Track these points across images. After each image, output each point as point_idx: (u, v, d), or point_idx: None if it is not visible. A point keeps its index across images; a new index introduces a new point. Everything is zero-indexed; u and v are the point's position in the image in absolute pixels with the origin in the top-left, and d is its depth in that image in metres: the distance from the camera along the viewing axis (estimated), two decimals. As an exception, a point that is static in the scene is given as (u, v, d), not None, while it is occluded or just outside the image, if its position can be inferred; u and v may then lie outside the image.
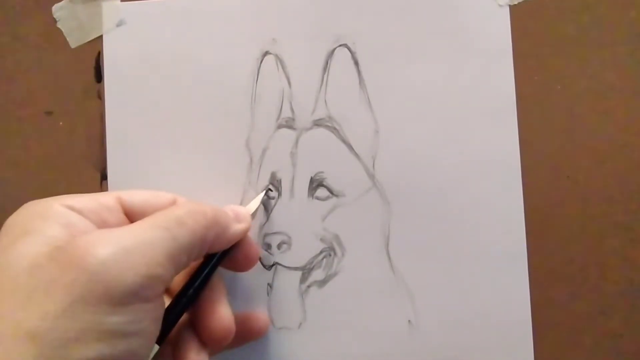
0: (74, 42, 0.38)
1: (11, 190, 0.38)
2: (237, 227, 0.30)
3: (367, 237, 0.35)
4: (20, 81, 0.38)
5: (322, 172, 0.35)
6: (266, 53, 0.36)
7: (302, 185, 0.35)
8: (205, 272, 0.30)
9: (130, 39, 0.37)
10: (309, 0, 0.36)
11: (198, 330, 0.30)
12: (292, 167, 0.36)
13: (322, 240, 0.35)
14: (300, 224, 0.35)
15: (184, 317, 0.30)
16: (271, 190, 0.35)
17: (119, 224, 0.27)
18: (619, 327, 0.34)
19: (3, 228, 0.25)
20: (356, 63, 0.36)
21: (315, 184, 0.35)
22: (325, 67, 0.36)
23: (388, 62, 0.35)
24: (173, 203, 0.30)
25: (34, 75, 0.38)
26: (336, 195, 0.35)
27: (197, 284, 0.29)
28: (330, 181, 0.35)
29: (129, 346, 0.24)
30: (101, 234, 0.25)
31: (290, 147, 0.36)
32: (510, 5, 0.35)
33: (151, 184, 0.36)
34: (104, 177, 0.37)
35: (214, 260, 0.30)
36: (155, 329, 0.26)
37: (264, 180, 0.36)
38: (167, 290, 0.30)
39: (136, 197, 0.29)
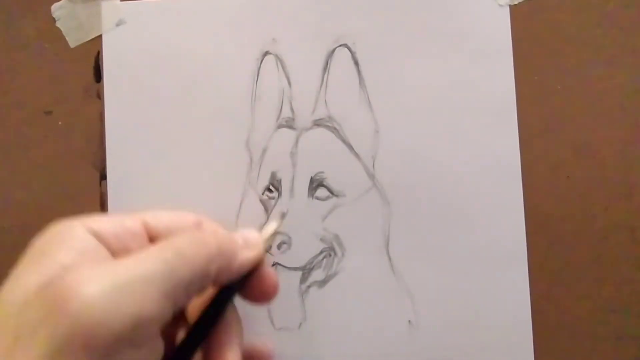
0: (73, 41, 0.38)
1: (11, 190, 0.38)
2: (246, 256, 0.27)
3: (367, 237, 0.35)
4: (20, 81, 0.38)
5: (322, 172, 0.35)
6: (266, 53, 0.36)
7: (302, 185, 0.35)
8: (214, 308, 0.27)
9: (130, 38, 0.37)
10: (309, 0, 0.36)
11: None
12: (292, 167, 0.35)
13: (322, 240, 0.35)
14: (300, 224, 0.35)
15: None
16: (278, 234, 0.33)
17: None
18: (619, 327, 0.34)
19: (27, 250, 0.24)
20: (356, 63, 0.36)
21: (315, 184, 0.35)
22: (325, 67, 0.36)
23: (388, 62, 0.35)
24: (198, 225, 0.28)
25: (33, 75, 0.38)
26: (336, 195, 0.35)
27: (204, 321, 0.26)
28: (330, 181, 0.35)
29: None
30: (93, 269, 0.22)
31: (290, 147, 0.36)
32: (510, 5, 0.35)
33: (151, 183, 0.36)
34: (103, 176, 0.37)
35: (223, 295, 0.27)
36: None
37: (264, 180, 0.36)
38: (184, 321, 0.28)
39: (161, 220, 0.27)
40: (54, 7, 0.38)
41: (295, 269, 0.35)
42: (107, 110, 0.37)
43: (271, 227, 0.30)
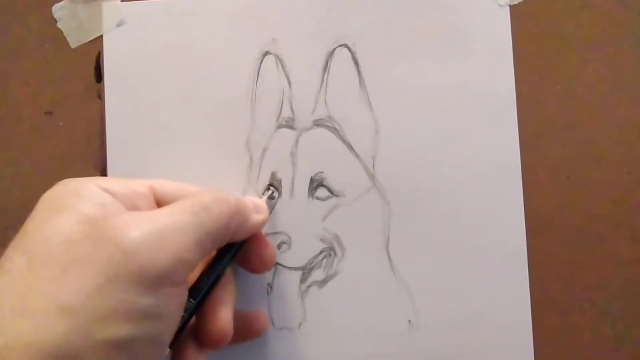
0: (74, 42, 0.38)
1: (11, 190, 0.38)
2: (257, 218, 0.30)
3: (367, 237, 0.35)
4: (20, 81, 0.38)
5: (322, 172, 0.35)
6: (266, 53, 0.36)
7: (302, 185, 0.35)
8: (220, 265, 0.29)
9: (130, 39, 0.37)
10: (309, 0, 0.36)
11: (196, 329, 0.29)
12: (292, 167, 0.35)
13: (322, 240, 0.35)
14: (300, 224, 0.35)
15: None
16: (273, 190, 0.35)
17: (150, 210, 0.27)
18: (619, 327, 0.34)
19: (39, 203, 0.25)
20: (356, 63, 0.36)
21: (315, 184, 0.35)
22: (325, 67, 0.36)
23: (388, 62, 0.35)
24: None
25: (34, 75, 0.38)
26: (336, 195, 0.35)
27: (209, 279, 0.29)
28: (330, 181, 0.35)
29: (155, 330, 0.24)
30: (134, 215, 0.25)
31: (290, 147, 0.36)
32: (510, 5, 0.35)
33: (151, 184, 0.36)
34: (103, 177, 0.37)
35: (228, 255, 0.30)
36: (178, 314, 0.26)
37: (264, 180, 0.36)
38: None
39: (167, 187, 0.29)
40: (55, 7, 0.38)
41: (295, 269, 0.35)
42: (108, 110, 0.37)
43: (266, 196, 0.34)
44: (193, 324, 0.30)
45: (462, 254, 0.34)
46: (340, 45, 0.36)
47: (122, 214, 0.25)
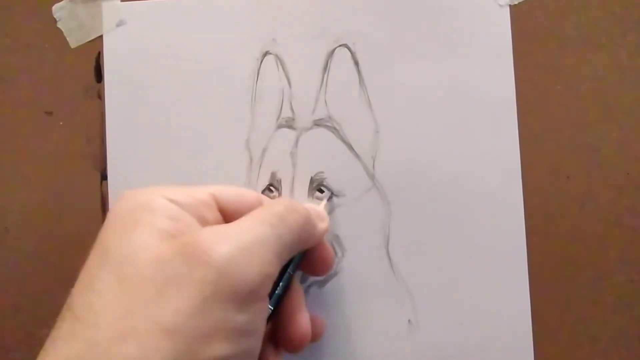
0: (74, 42, 0.38)
1: (11, 190, 0.38)
2: (322, 226, 0.30)
3: (367, 237, 0.35)
4: (20, 81, 0.38)
5: (322, 172, 0.35)
6: (266, 53, 0.36)
7: (302, 185, 0.35)
8: (290, 273, 0.29)
9: (130, 39, 0.37)
10: (309, 0, 0.36)
11: (276, 334, 0.29)
12: (292, 167, 0.36)
13: (322, 240, 0.35)
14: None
15: None
16: (332, 194, 0.35)
17: (215, 220, 0.27)
18: (619, 327, 0.34)
19: (109, 217, 0.25)
20: (356, 63, 0.36)
21: (315, 184, 0.35)
22: (325, 67, 0.36)
23: (388, 62, 0.35)
24: (259, 201, 0.29)
25: (34, 75, 0.38)
26: (336, 195, 0.35)
27: (283, 286, 0.29)
28: (330, 181, 0.35)
29: (249, 346, 0.24)
30: (218, 231, 0.24)
31: (290, 147, 0.36)
32: (510, 5, 0.35)
33: (151, 184, 0.36)
34: (104, 177, 0.37)
35: (296, 260, 0.30)
36: (264, 329, 0.25)
37: (264, 180, 0.36)
38: None
39: (228, 193, 0.28)
40: (55, 7, 0.38)
41: (295, 268, 0.35)
42: (108, 110, 0.37)
43: (323, 204, 0.34)
44: (269, 330, 0.29)
45: (462, 254, 0.34)
46: (340, 45, 0.36)
47: (203, 229, 0.25)
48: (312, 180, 0.35)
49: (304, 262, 0.31)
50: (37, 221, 0.37)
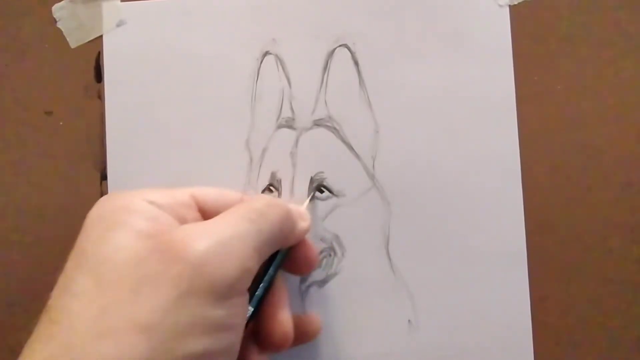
0: (74, 42, 0.38)
1: (11, 191, 0.38)
2: (303, 225, 0.30)
3: (367, 237, 0.35)
4: (21, 81, 0.38)
5: (322, 172, 0.35)
6: (266, 53, 0.36)
7: (302, 185, 0.35)
8: (271, 274, 0.29)
9: (130, 39, 0.37)
10: (309, 0, 0.36)
11: (257, 333, 0.29)
12: (292, 167, 0.36)
13: (322, 240, 0.35)
14: (300, 224, 0.35)
15: None
16: (322, 192, 0.35)
17: (195, 220, 0.27)
18: (619, 327, 0.34)
19: (87, 221, 0.25)
20: (356, 63, 0.36)
21: (315, 184, 0.35)
22: (325, 67, 0.36)
23: (388, 62, 0.35)
24: (240, 199, 0.29)
25: (34, 75, 0.38)
26: (336, 195, 0.35)
27: (264, 286, 0.29)
28: (330, 181, 0.35)
29: (228, 341, 0.24)
30: (195, 227, 0.25)
31: (290, 147, 0.36)
32: (510, 5, 0.35)
33: (151, 184, 0.36)
34: (104, 177, 0.37)
35: (277, 260, 0.30)
36: (244, 323, 0.25)
37: (264, 180, 0.36)
38: None
39: (208, 194, 0.29)
40: (55, 7, 0.38)
41: (295, 268, 0.35)
42: (108, 110, 0.37)
43: (305, 204, 0.34)
44: (251, 329, 0.29)
45: (462, 254, 0.34)
46: (340, 45, 0.36)
47: (181, 227, 0.25)
48: (312, 180, 0.35)
49: (287, 262, 0.31)
50: (37, 221, 0.37)
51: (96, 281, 0.22)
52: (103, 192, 0.37)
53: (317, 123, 0.36)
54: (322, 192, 0.35)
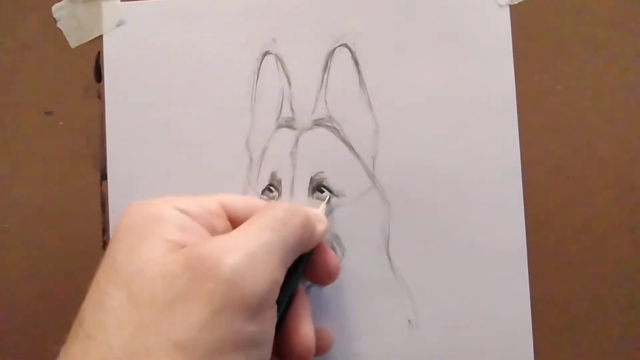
0: (74, 42, 0.38)
1: (11, 191, 0.38)
2: (321, 227, 0.30)
3: (367, 237, 0.35)
4: (20, 81, 0.38)
5: (322, 172, 0.35)
6: (266, 53, 0.36)
7: (302, 185, 0.35)
8: (295, 282, 0.29)
9: (130, 39, 0.37)
10: (309, 0, 0.36)
11: (278, 346, 0.28)
12: (292, 167, 0.35)
13: (322, 240, 0.35)
14: (300, 224, 0.35)
15: None
16: (329, 197, 0.35)
17: (225, 229, 0.27)
18: (619, 327, 0.34)
19: (117, 230, 0.25)
20: (356, 63, 0.36)
21: (315, 184, 0.35)
22: (325, 67, 0.36)
23: (388, 62, 0.35)
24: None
25: (34, 75, 0.38)
26: (336, 195, 0.35)
27: (288, 295, 0.28)
28: (330, 181, 0.35)
29: (260, 355, 0.24)
30: (224, 240, 0.24)
31: (290, 147, 0.36)
32: (510, 5, 0.35)
33: (151, 183, 0.36)
34: (103, 177, 0.37)
35: (301, 269, 0.29)
36: (273, 338, 0.25)
37: (264, 180, 0.36)
38: None
39: (236, 202, 0.28)
40: (55, 7, 0.38)
41: (295, 268, 0.35)
42: (108, 110, 0.37)
43: (322, 207, 0.33)
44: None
45: (462, 254, 0.34)
46: (340, 45, 0.36)
47: (209, 240, 0.25)
48: (312, 180, 0.35)
49: (309, 271, 0.31)
50: (37, 221, 0.37)
51: (129, 297, 0.22)
52: (103, 192, 0.37)
53: (317, 123, 0.36)
54: (322, 192, 0.35)
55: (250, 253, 0.24)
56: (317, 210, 0.32)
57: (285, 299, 0.28)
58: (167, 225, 0.25)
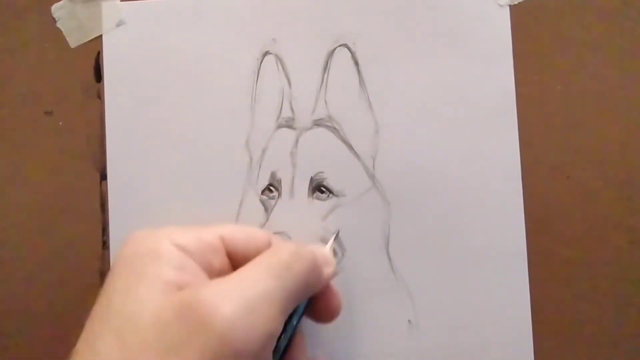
0: (73, 42, 0.38)
1: (11, 191, 0.38)
2: (328, 272, 0.29)
3: (367, 237, 0.35)
4: (20, 81, 0.38)
5: (322, 172, 0.35)
6: (266, 53, 0.36)
7: (302, 185, 0.35)
8: (294, 325, 0.28)
9: (130, 39, 0.37)
10: (308, 0, 0.36)
11: None
12: (292, 167, 0.35)
13: (322, 240, 0.35)
14: (300, 224, 0.35)
15: None
16: (322, 192, 0.34)
17: (222, 267, 0.27)
18: (619, 327, 0.34)
19: (116, 264, 0.25)
20: (356, 63, 0.36)
21: (315, 184, 0.35)
22: (325, 67, 0.36)
23: (388, 62, 0.35)
24: (269, 243, 0.28)
25: (34, 75, 0.38)
26: (336, 195, 0.35)
27: (286, 338, 0.27)
28: (330, 181, 0.35)
29: None
30: (222, 287, 0.24)
31: (290, 147, 0.36)
32: (510, 5, 0.35)
33: (151, 183, 0.36)
34: (103, 177, 0.37)
35: (300, 311, 0.28)
36: None
37: (264, 180, 0.36)
38: None
39: (236, 236, 0.28)
40: (54, 7, 0.38)
41: (295, 269, 0.35)
42: (108, 110, 0.37)
43: (329, 245, 0.32)
44: None
45: (462, 254, 0.34)
46: (340, 45, 0.36)
47: (206, 285, 0.24)
48: (312, 180, 0.35)
49: (309, 309, 0.30)
50: (37, 221, 0.37)
51: (121, 343, 0.22)
52: (103, 192, 0.37)
53: (317, 123, 0.36)
54: (322, 192, 0.35)
55: (248, 303, 0.23)
56: (325, 251, 0.31)
57: (282, 346, 0.27)
58: (164, 263, 0.24)
